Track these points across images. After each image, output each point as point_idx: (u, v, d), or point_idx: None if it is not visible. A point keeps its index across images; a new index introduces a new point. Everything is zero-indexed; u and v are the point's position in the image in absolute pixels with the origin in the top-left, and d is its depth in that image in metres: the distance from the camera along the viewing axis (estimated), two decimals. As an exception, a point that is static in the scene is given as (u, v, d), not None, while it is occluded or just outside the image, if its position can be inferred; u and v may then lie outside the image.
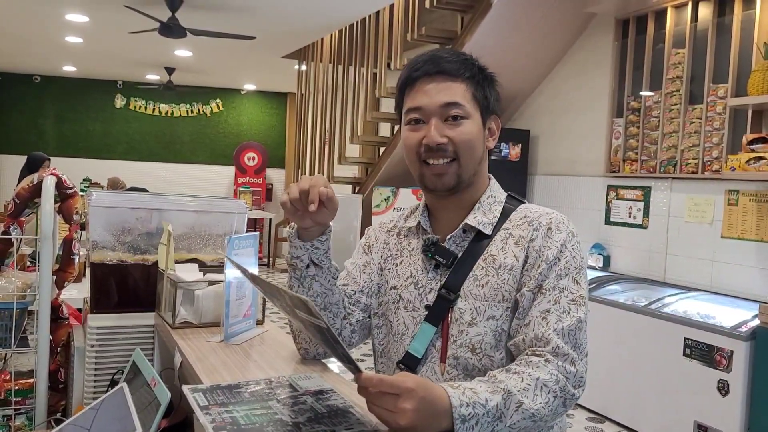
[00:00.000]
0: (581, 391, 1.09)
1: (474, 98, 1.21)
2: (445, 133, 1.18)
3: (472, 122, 1.20)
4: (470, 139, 1.19)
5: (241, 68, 9.14)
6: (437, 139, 1.17)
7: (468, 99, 1.20)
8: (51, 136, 10.32)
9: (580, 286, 1.15)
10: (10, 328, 1.49)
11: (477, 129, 1.21)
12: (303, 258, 1.22)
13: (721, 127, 3.96)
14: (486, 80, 1.24)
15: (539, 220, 1.19)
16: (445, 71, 1.19)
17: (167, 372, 1.40)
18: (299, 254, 1.22)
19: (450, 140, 1.18)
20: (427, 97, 1.19)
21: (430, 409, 0.92)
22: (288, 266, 1.26)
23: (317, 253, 1.23)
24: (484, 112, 1.23)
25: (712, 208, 4.02)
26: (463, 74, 1.20)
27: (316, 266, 1.23)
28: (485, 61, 1.28)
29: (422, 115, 1.20)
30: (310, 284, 1.24)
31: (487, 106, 1.23)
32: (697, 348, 3.42)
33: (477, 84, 1.22)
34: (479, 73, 1.23)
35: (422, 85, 1.20)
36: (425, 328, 1.20)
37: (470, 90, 1.20)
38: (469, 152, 1.19)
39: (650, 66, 4.51)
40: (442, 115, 1.18)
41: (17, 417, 1.53)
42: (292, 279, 1.25)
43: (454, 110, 1.18)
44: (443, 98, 1.18)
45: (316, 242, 1.22)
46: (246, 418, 0.89)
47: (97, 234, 1.55)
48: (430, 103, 1.19)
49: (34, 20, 6.59)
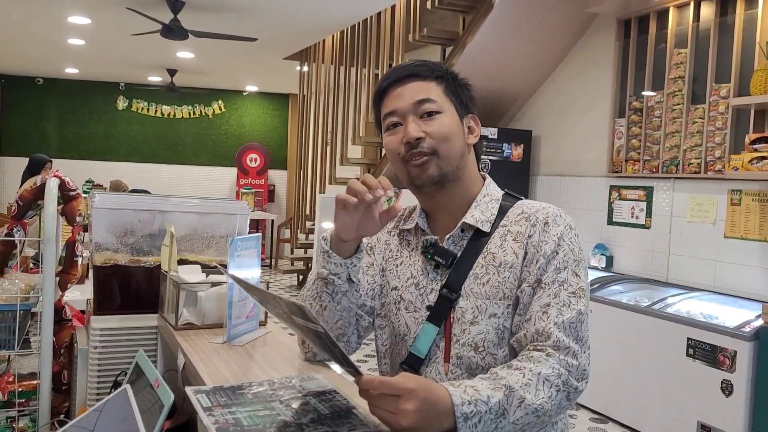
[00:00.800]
0: (584, 383, 1.09)
1: (446, 94, 1.23)
2: (422, 128, 1.19)
3: (446, 116, 1.21)
4: (447, 131, 1.20)
5: (243, 70, 9.15)
6: (415, 133, 1.18)
7: (440, 95, 1.22)
8: (53, 138, 10.34)
9: (579, 279, 1.14)
10: (14, 330, 1.49)
11: (453, 122, 1.22)
12: (341, 275, 1.20)
13: (724, 126, 3.95)
14: (458, 83, 1.26)
15: (536, 215, 1.20)
16: (414, 74, 1.22)
17: (170, 373, 1.40)
18: (338, 271, 1.19)
19: (427, 134, 1.19)
20: (399, 100, 1.21)
21: (432, 409, 0.92)
22: (319, 279, 1.22)
23: (355, 270, 1.22)
24: (460, 108, 1.24)
25: (714, 207, 4.02)
26: (432, 75, 1.23)
27: (351, 282, 1.22)
28: (486, 62, 1.29)
29: (398, 117, 1.22)
30: (340, 299, 1.22)
31: (460, 102, 1.25)
32: (701, 348, 3.42)
33: (448, 83, 1.24)
34: (449, 75, 1.25)
35: (394, 90, 1.23)
36: (428, 329, 1.20)
37: (441, 87, 1.23)
38: (447, 144, 1.20)
39: (652, 66, 4.51)
40: (417, 112, 1.20)
41: (21, 419, 1.53)
42: (322, 295, 1.22)
43: (428, 105, 1.20)
44: (415, 96, 1.20)
45: (354, 259, 1.20)
46: (249, 419, 0.89)
47: (100, 236, 1.55)
48: (403, 104, 1.21)
49: (37, 22, 6.60)
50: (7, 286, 1.52)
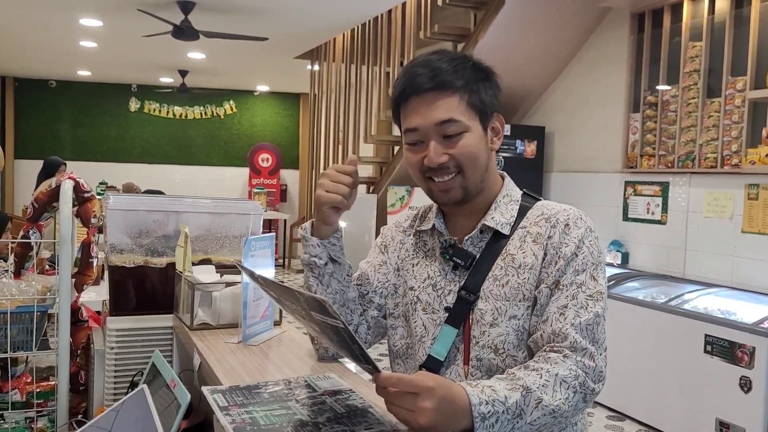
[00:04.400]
0: (601, 385, 1.08)
1: (470, 107, 1.16)
2: (445, 151, 1.15)
3: (471, 134, 1.16)
4: (471, 151, 1.16)
5: (254, 69, 9.18)
6: (437, 160, 1.15)
7: (463, 111, 1.15)
8: (67, 141, 10.43)
9: (597, 282, 1.14)
10: (31, 331, 1.50)
11: (478, 139, 1.17)
12: (321, 256, 1.23)
13: (740, 120, 3.90)
14: (481, 80, 1.19)
15: (557, 216, 1.18)
16: (436, 86, 1.15)
17: (186, 373, 1.40)
18: (317, 252, 1.23)
19: (451, 157, 1.16)
20: (421, 118, 1.16)
21: (450, 407, 0.92)
22: (304, 267, 1.26)
23: (334, 250, 1.24)
24: (484, 117, 1.19)
25: (731, 202, 3.97)
26: (455, 84, 1.15)
27: (334, 263, 1.25)
28: (498, 58, 1.27)
29: (420, 136, 1.17)
30: (329, 282, 1.25)
31: (484, 110, 1.19)
32: (719, 345, 3.38)
33: (471, 90, 1.16)
34: (473, 76, 1.18)
35: (414, 103, 1.16)
36: (446, 331, 1.19)
37: (464, 99, 1.16)
38: (473, 164, 1.17)
39: (667, 60, 4.46)
40: (439, 133, 1.15)
41: (39, 419, 1.54)
42: (309, 279, 1.26)
43: (451, 127, 1.15)
44: (438, 116, 1.14)
45: (332, 239, 1.24)
46: (266, 418, 0.89)
47: (115, 237, 1.55)
48: (425, 123, 1.15)
49: (49, 26, 6.66)
50: (24, 287, 1.53)
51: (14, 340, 1.49)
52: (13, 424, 1.51)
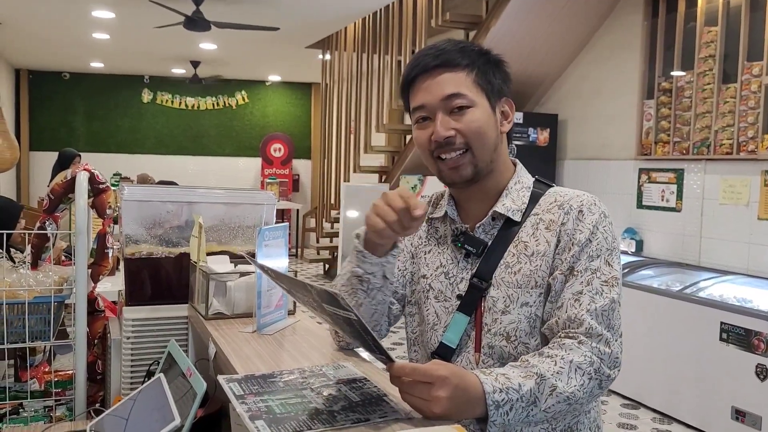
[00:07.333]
0: (617, 371, 1.08)
1: (477, 84, 1.16)
2: (452, 125, 1.15)
3: (478, 109, 1.16)
4: (479, 126, 1.15)
5: (266, 59, 9.17)
6: (444, 133, 1.15)
7: (470, 86, 1.16)
8: (81, 133, 10.49)
9: (612, 268, 1.13)
10: (49, 321, 1.52)
11: (485, 115, 1.17)
12: (377, 273, 1.18)
13: (757, 105, 3.85)
14: (489, 64, 1.19)
15: (570, 203, 1.17)
16: (442, 64, 1.16)
17: (202, 362, 1.41)
18: (373, 270, 1.17)
19: (458, 132, 1.15)
20: (427, 94, 1.16)
21: (464, 396, 0.92)
22: (354, 278, 1.19)
23: (390, 268, 1.20)
24: (491, 96, 1.18)
25: (747, 189, 3.93)
26: (461, 62, 1.16)
27: (385, 279, 1.20)
28: (510, 45, 1.26)
29: (427, 112, 1.17)
30: (375, 295, 1.20)
31: (492, 90, 1.18)
32: (734, 332, 3.36)
33: (478, 70, 1.17)
34: (480, 58, 1.18)
35: (421, 82, 1.17)
36: (458, 318, 1.19)
37: (471, 77, 1.16)
38: (480, 140, 1.16)
39: (681, 45, 4.40)
40: (446, 107, 1.15)
41: (58, 408, 1.56)
42: (358, 292, 1.19)
43: (457, 101, 1.15)
44: (444, 90, 1.15)
45: (390, 257, 1.18)
46: (281, 407, 0.90)
47: (130, 228, 1.56)
48: (432, 99, 1.16)
49: (62, 18, 6.69)
50: (41, 278, 1.54)
51: (32, 330, 1.51)
52: (32, 413, 1.54)
